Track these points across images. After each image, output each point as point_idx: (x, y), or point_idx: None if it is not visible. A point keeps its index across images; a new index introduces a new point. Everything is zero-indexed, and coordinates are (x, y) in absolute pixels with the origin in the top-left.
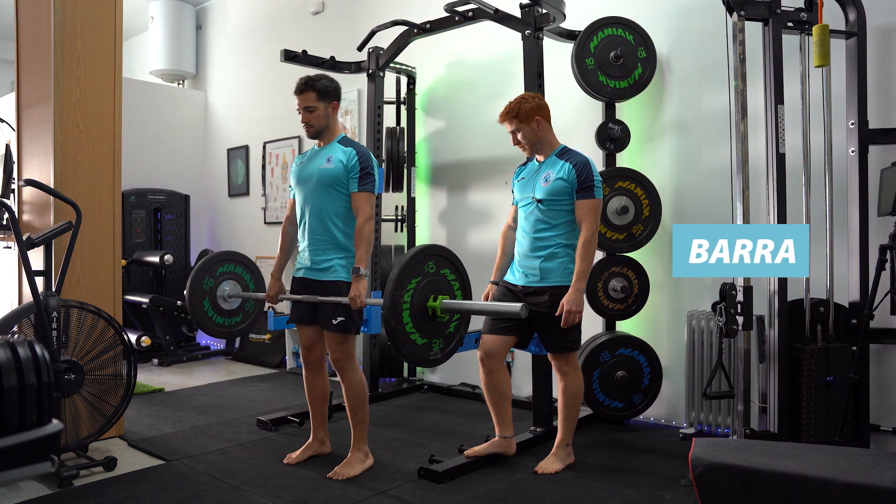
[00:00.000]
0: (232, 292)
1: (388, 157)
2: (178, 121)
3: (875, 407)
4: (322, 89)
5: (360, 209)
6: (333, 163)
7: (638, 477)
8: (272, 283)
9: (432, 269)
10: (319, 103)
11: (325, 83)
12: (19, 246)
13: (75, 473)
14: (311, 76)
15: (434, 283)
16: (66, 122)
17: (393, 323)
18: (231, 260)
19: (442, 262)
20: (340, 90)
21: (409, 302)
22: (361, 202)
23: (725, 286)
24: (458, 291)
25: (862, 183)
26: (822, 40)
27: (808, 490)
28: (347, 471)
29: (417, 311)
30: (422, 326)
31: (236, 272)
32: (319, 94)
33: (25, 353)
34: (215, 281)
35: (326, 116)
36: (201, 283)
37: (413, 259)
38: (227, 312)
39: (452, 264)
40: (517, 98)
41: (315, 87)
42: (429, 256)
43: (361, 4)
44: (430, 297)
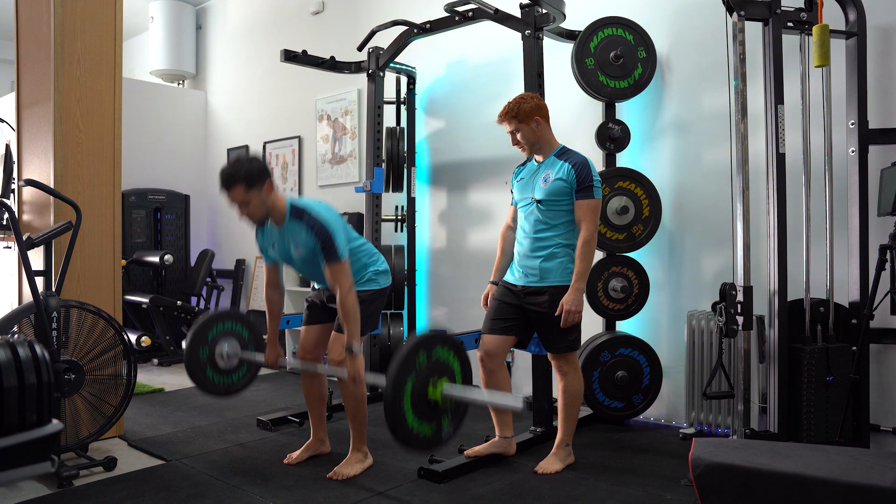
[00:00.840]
0: (230, 352)
1: (388, 157)
2: (178, 121)
3: (875, 407)
4: (246, 178)
5: (339, 283)
6: (302, 246)
7: (638, 477)
8: (270, 351)
9: (423, 361)
10: (251, 192)
11: (246, 170)
12: (19, 246)
13: (75, 473)
14: (230, 168)
15: (428, 373)
16: (66, 122)
17: (399, 433)
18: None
19: (430, 346)
20: (266, 168)
21: (409, 405)
22: (337, 275)
23: (725, 286)
24: (455, 362)
25: (862, 183)
26: (822, 40)
27: (808, 490)
28: (347, 470)
29: (419, 406)
30: (429, 419)
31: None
32: (247, 185)
33: (25, 353)
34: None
35: (265, 201)
36: (197, 356)
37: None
38: (226, 372)
39: (442, 342)
40: (516, 98)
41: (238, 179)
42: (416, 352)
43: (361, 4)
44: (428, 388)
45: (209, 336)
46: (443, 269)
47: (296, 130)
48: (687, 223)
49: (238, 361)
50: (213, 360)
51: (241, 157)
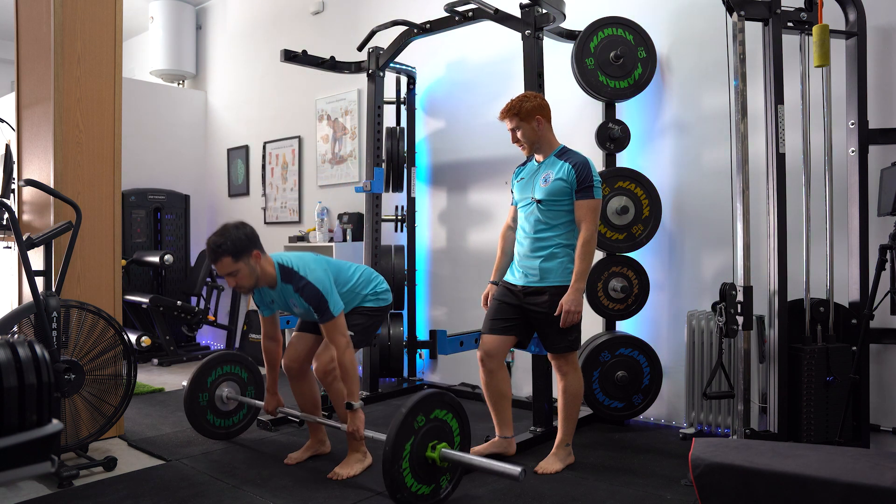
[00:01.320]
0: (230, 395)
1: (388, 157)
2: (178, 121)
3: (875, 407)
4: (233, 251)
5: (334, 342)
6: (299, 306)
7: (638, 477)
8: (269, 399)
9: (422, 422)
10: (240, 263)
11: (231, 243)
12: (19, 246)
13: (75, 473)
14: (216, 241)
15: (428, 434)
16: (66, 122)
17: (399, 496)
18: (220, 363)
19: (430, 408)
20: (253, 236)
21: (407, 467)
22: (332, 334)
23: (725, 286)
24: (454, 422)
25: (862, 183)
26: (822, 40)
27: (809, 490)
28: (346, 471)
29: (418, 467)
30: (427, 480)
31: (227, 372)
32: (234, 256)
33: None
34: (209, 392)
35: (253, 270)
36: (197, 401)
37: (401, 425)
38: (226, 414)
39: (441, 402)
40: (519, 96)
41: (225, 252)
42: (415, 413)
43: (361, 4)
44: (427, 448)
45: (208, 381)
46: (443, 269)
47: (296, 130)
48: (687, 223)
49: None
50: (213, 405)
51: (227, 226)
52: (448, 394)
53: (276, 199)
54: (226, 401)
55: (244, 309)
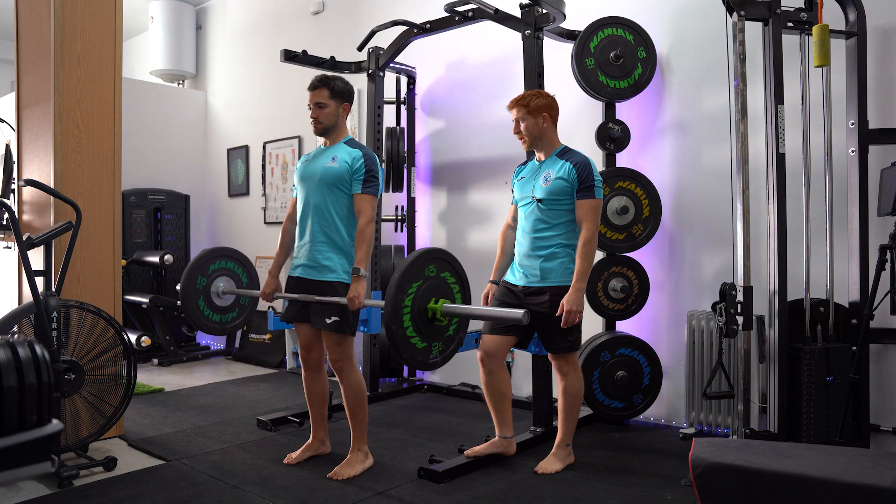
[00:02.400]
0: (226, 289)
1: (388, 157)
2: (178, 121)
3: (875, 407)
4: (335, 88)
5: (363, 210)
6: (338, 162)
7: (638, 477)
8: (269, 281)
9: (433, 273)
10: (331, 101)
11: (340, 84)
12: (19, 246)
13: (75, 473)
14: (328, 75)
15: (434, 287)
16: (66, 122)
17: (394, 327)
18: (223, 256)
19: (442, 266)
20: (353, 93)
21: (409, 306)
22: (365, 203)
23: (725, 286)
24: (458, 294)
25: (862, 183)
26: (822, 40)
27: (809, 490)
28: (347, 471)
29: (418, 314)
30: (422, 330)
31: (229, 268)
32: (332, 93)
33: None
34: (208, 279)
35: (336, 115)
36: (195, 283)
37: (414, 263)
38: (221, 309)
39: (453, 267)
40: (533, 91)
41: (329, 84)
42: (430, 260)
43: (361, 4)
44: (430, 300)
45: (209, 268)
46: None
47: (296, 130)
48: (687, 223)
49: (233, 300)
50: (207, 295)
51: (340, 75)
52: (458, 262)
53: (276, 199)
54: (221, 295)
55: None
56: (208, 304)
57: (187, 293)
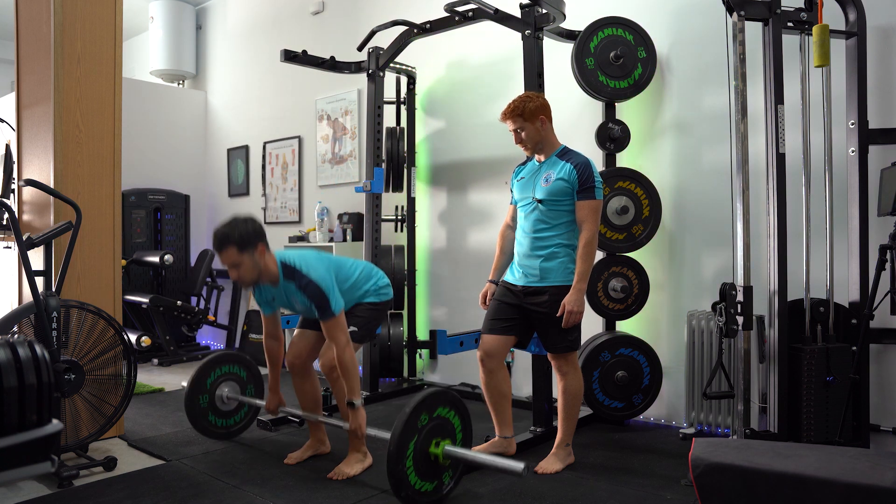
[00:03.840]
0: (230, 395)
1: (388, 157)
2: (178, 121)
3: (875, 407)
4: (239, 242)
5: (335, 339)
6: (300, 304)
7: (638, 477)
8: (271, 398)
9: (425, 421)
10: (244, 256)
11: (239, 233)
12: (19, 246)
13: (75, 473)
14: (223, 230)
15: (431, 432)
16: (66, 122)
17: (403, 493)
18: (219, 363)
19: (433, 406)
20: (261, 231)
21: (411, 466)
22: (332, 331)
23: (725, 286)
24: (456, 419)
25: (862, 183)
26: (822, 40)
27: (809, 490)
28: (347, 470)
29: (422, 465)
30: (428, 475)
31: (227, 372)
32: (240, 248)
33: (25, 353)
34: (209, 393)
35: (256, 264)
36: (198, 403)
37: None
38: (226, 413)
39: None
40: (521, 96)
41: (231, 241)
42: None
43: (361, 4)
44: (430, 445)
45: (208, 382)
46: (443, 269)
47: (296, 130)
48: (687, 223)
49: (238, 403)
50: (213, 405)
51: (236, 218)
52: (450, 392)
53: (276, 199)
54: (226, 401)
55: (244, 309)
56: (216, 414)
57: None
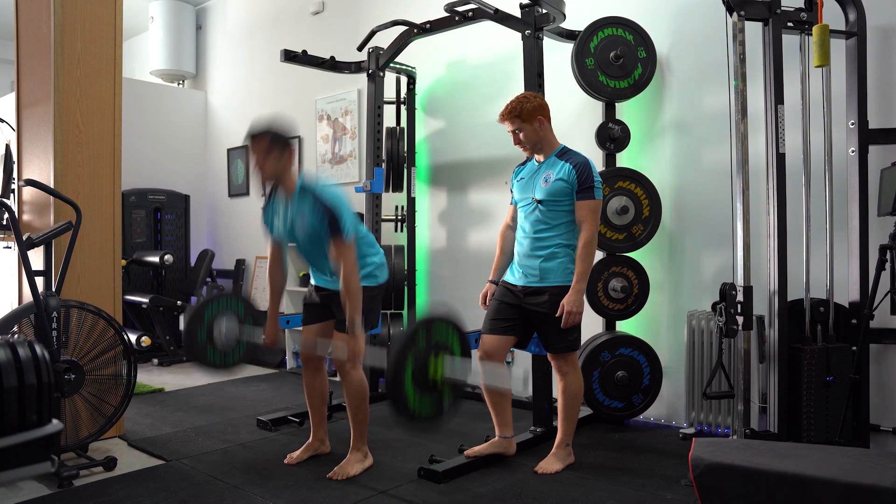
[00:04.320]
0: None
1: (388, 157)
2: (178, 121)
3: (875, 407)
4: (275, 135)
5: (343, 260)
6: (308, 220)
7: (638, 477)
8: (269, 328)
9: (423, 341)
10: (274, 150)
11: (278, 127)
12: (19, 246)
13: (75, 473)
14: (263, 122)
15: (428, 351)
16: (66, 122)
17: (402, 415)
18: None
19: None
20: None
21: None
22: (342, 252)
23: (725, 286)
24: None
25: (862, 183)
26: (822, 40)
27: (809, 490)
28: (347, 470)
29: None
30: (429, 396)
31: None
32: (273, 141)
33: (25, 353)
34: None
35: (281, 162)
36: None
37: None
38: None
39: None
40: (518, 97)
41: (268, 132)
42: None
43: (361, 4)
44: (429, 364)
45: (206, 316)
46: (443, 269)
47: (296, 130)
48: (687, 223)
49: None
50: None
51: (275, 116)
52: (450, 315)
53: None
54: (224, 336)
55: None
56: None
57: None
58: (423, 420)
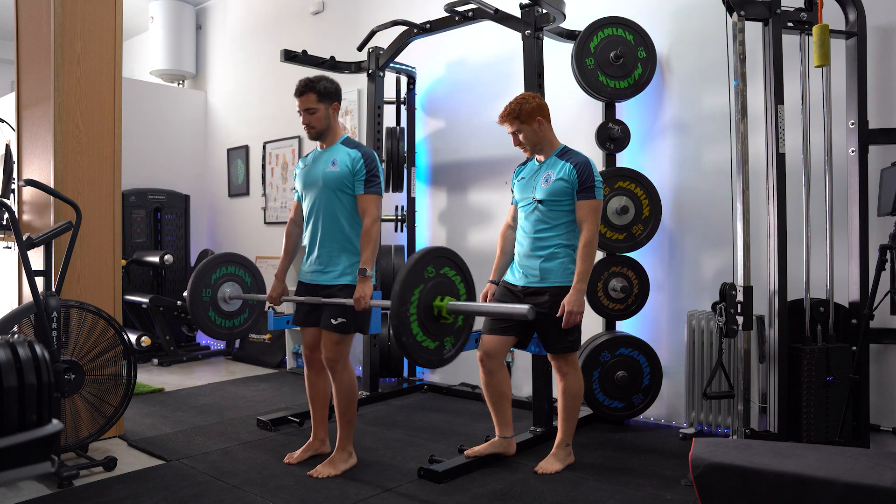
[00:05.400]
0: (233, 294)
1: (388, 157)
2: (178, 121)
3: (875, 407)
4: (322, 90)
5: (368, 210)
6: (339, 165)
7: (638, 477)
8: (276, 285)
9: (432, 273)
10: (320, 104)
11: (326, 84)
12: (19, 246)
13: (75, 473)
14: (311, 77)
15: (436, 286)
16: (66, 122)
17: (404, 338)
18: (222, 263)
19: (440, 263)
20: (341, 91)
21: (415, 313)
22: (369, 204)
23: (725, 286)
24: (462, 285)
25: (862, 183)
26: (822, 40)
27: (809, 490)
28: (330, 470)
29: (425, 317)
30: (431, 331)
31: (231, 272)
32: (320, 96)
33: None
34: (213, 289)
35: (327, 118)
36: (200, 296)
37: (412, 270)
38: (230, 314)
39: (452, 261)
40: (517, 98)
41: (315, 88)
42: (426, 262)
43: (361, 4)
44: (434, 299)
45: (212, 278)
46: None
47: (296, 130)
48: (687, 223)
49: (241, 304)
50: (215, 303)
51: (325, 75)
52: (456, 255)
53: (276, 199)
54: (228, 300)
55: None
56: (218, 313)
57: (196, 308)
58: (425, 351)
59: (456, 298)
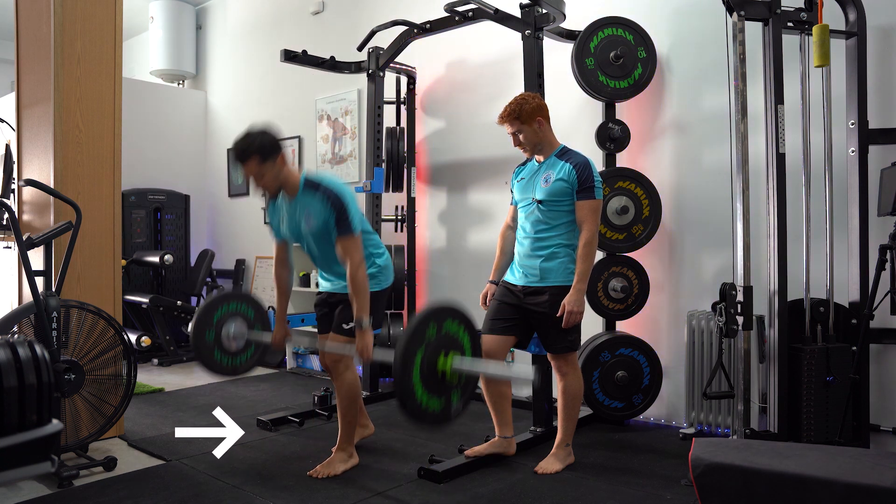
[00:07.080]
0: (236, 333)
1: (388, 157)
2: (178, 121)
3: (875, 407)
4: (263, 148)
5: (349, 255)
6: (314, 218)
7: (638, 477)
8: (278, 328)
9: (433, 333)
10: (266, 164)
11: (262, 140)
12: (19, 246)
13: (75, 473)
14: (245, 139)
15: (438, 346)
16: (66, 122)
17: (409, 405)
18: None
19: (441, 318)
20: (279, 140)
21: (418, 381)
22: (348, 247)
23: (725, 286)
24: (465, 336)
25: (862, 183)
26: (822, 40)
27: (809, 490)
28: (329, 470)
29: (429, 380)
30: (437, 393)
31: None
32: (263, 156)
33: (25, 353)
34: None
35: (278, 173)
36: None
37: (410, 341)
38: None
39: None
40: (517, 99)
41: (255, 150)
42: (427, 324)
43: (361, 4)
44: (438, 359)
45: (214, 318)
46: (443, 269)
47: (296, 130)
48: (687, 223)
49: (245, 342)
50: (219, 342)
51: (252, 129)
52: (460, 307)
53: None
54: (232, 338)
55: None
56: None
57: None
58: (431, 415)
59: (460, 352)
